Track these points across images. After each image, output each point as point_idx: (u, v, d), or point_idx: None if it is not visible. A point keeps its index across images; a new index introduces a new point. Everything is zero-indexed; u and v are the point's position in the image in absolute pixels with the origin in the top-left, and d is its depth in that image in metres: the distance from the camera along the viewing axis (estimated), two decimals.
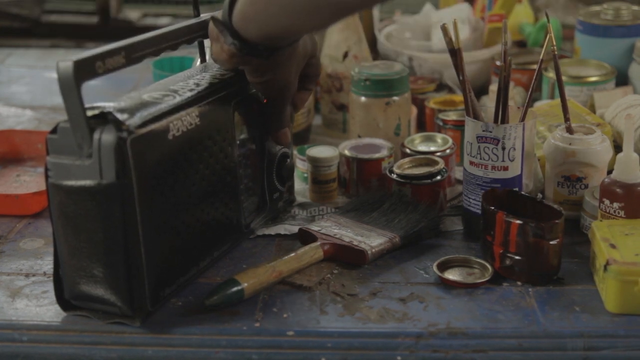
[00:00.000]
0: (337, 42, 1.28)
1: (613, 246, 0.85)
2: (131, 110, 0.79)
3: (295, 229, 0.99)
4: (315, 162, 1.07)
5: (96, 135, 0.76)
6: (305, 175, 1.10)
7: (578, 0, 1.66)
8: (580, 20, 1.33)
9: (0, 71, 1.66)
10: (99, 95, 1.42)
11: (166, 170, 0.82)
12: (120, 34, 0.90)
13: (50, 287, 0.85)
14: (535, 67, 1.00)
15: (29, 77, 1.61)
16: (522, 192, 0.95)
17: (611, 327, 0.81)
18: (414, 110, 1.24)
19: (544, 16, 1.50)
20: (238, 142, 0.93)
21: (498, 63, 1.31)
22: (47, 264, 0.93)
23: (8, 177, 1.16)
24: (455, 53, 0.98)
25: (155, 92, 0.85)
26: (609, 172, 0.96)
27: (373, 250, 0.92)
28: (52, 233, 0.81)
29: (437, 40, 1.44)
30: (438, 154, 1.08)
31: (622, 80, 1.28)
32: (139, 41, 0.82)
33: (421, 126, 1.28)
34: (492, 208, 0.89)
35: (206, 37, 0.94)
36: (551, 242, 0.87)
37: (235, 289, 0.84)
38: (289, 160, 1.02)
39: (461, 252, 0.95)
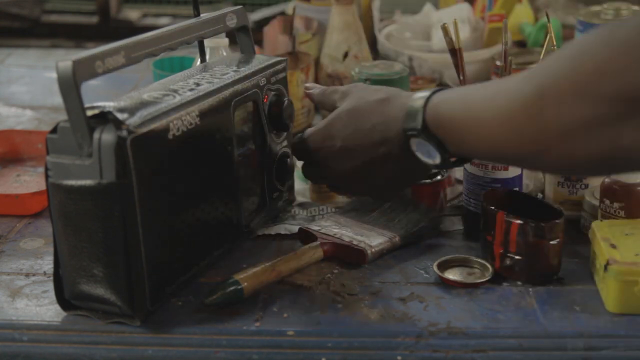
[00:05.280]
0: (337, 42, 1.28)
1: (613, 246, 0.85)
2: (131, 110, 0.79)
3: (295, 228, 0.99)
4: None
5: (96, 135, 0.76)
6: None
7: (578, 0, 1.65)
8: (580, 20, 1.33)
9: (0, 71, 1.66)
10: (99, 95, 1.42)
11: (166, 170, 0.82)
12: (120, 34, 0.90)
13: (50, 286, 0.85)
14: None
15: (29, 77, 1.61)
16: (522, 192, 0.95)
17: (611, 327, 0.81)
18: None
19: (544, 16, 1.50)
20: (238, 142, 0.93)
21: (498, 63, 1.31)
22: (47, 264, 0.93)
23: (8, 177, 1.16)
24: (455, 53, 0.98)
25: (155, 91, 0.85)
26: None
27: (373, 249, 0.92)
28: (52, 233, 0.81)
29: (437, 40, 1.44)
30: None
31: None
32: (139, 41, 0.82)
33: None
34: (492, 208, 0.89)
35: (205, 36, 0.93)
36: (551, 242, 0.87)
37: (235, 288, 0.84)
38: (289, 160, 1.02)
39: (461, 252, 0.94)
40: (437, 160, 0.80)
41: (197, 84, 0.88)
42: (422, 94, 0.80)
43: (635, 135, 0.63)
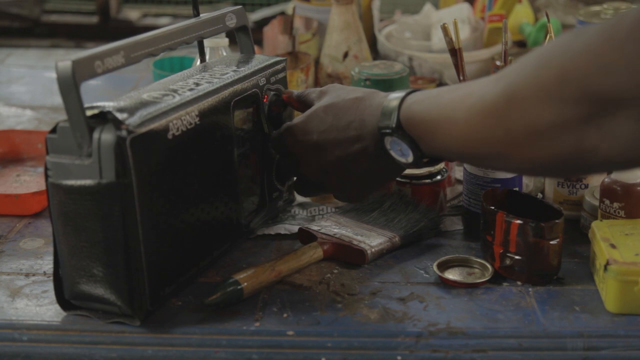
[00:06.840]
0: (337, 42, 1.28)
1: (613, 246, 0.85)
2: (131, 110, 0.79)
3: (295, 228, 0.99)
4: None
5: (96, 135, 0.76)
6: None
7: (578, 0, 1.65)
8: (580, 20, 1.33)
9: (0, 71, 1.66)
10: (99, 95, 1.42)
11: (166, 170, 0.82)
12: (120, 34, 0.90)
13: (50, 286, 0.85)
14: None
15: (29, 77, 1.61)
16: (522, 192, 0.95)
17: (611, 327, 0.81)
18: None
19: (544, 16, 1.50)
20: (238, 142, 0.93)
21: (498, 63, 1.31)
22: (47, 264, 0.93)
23: (8, 177, 1.16)
24: (455, 53, 0.98)
25: (155, 91, 0.85)
26: (609, 172, 0.96)
27: (372, 249, 0.92)
28: (52, 233, 0.81)
29: (437, 40, 1.44)
30: None
31: None
32: (139, 41, 0.82)
33: None
34: (492, 208, 0.89)
35: (205, 36, 0.93)
36: (551, 242, 0.87)
37: (235, 288, 0.84)
38: None
39: (461, 252, 0.94)
40: (410, 159, 0.82)
41: (197, 84, 0.88)
42: (398, 94, 0.82)
43: (598, 136, 0.65)
